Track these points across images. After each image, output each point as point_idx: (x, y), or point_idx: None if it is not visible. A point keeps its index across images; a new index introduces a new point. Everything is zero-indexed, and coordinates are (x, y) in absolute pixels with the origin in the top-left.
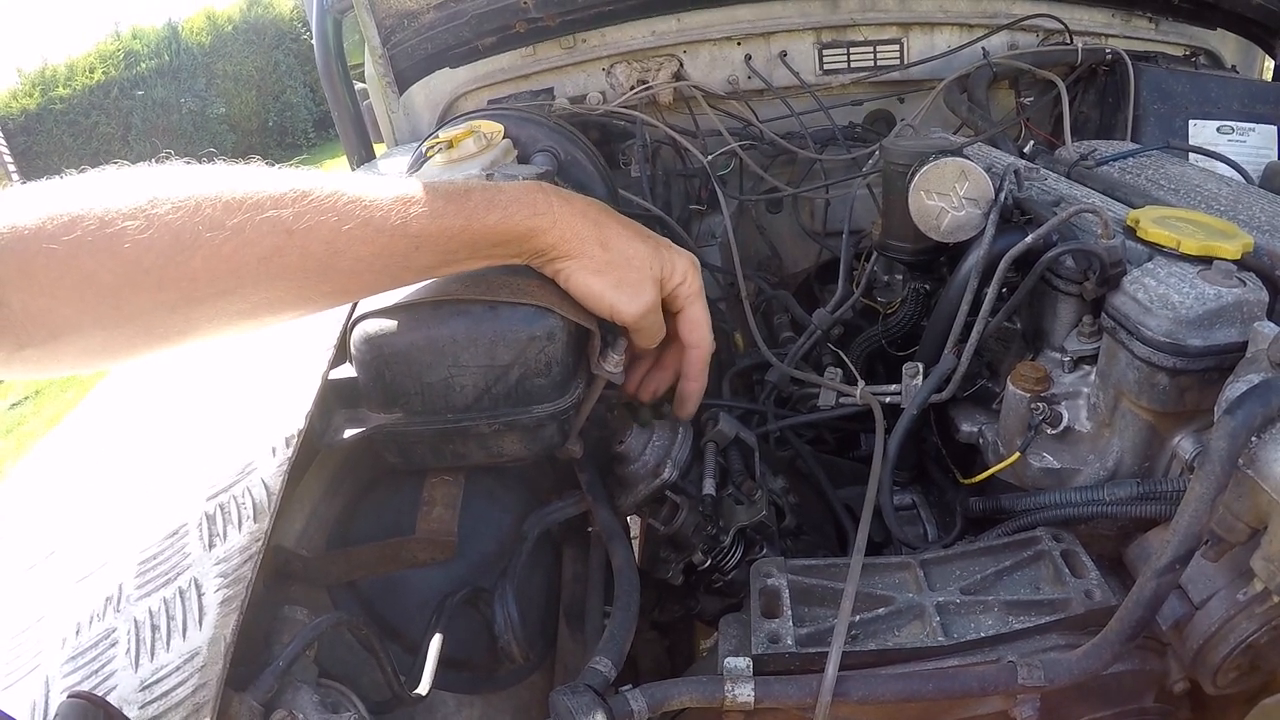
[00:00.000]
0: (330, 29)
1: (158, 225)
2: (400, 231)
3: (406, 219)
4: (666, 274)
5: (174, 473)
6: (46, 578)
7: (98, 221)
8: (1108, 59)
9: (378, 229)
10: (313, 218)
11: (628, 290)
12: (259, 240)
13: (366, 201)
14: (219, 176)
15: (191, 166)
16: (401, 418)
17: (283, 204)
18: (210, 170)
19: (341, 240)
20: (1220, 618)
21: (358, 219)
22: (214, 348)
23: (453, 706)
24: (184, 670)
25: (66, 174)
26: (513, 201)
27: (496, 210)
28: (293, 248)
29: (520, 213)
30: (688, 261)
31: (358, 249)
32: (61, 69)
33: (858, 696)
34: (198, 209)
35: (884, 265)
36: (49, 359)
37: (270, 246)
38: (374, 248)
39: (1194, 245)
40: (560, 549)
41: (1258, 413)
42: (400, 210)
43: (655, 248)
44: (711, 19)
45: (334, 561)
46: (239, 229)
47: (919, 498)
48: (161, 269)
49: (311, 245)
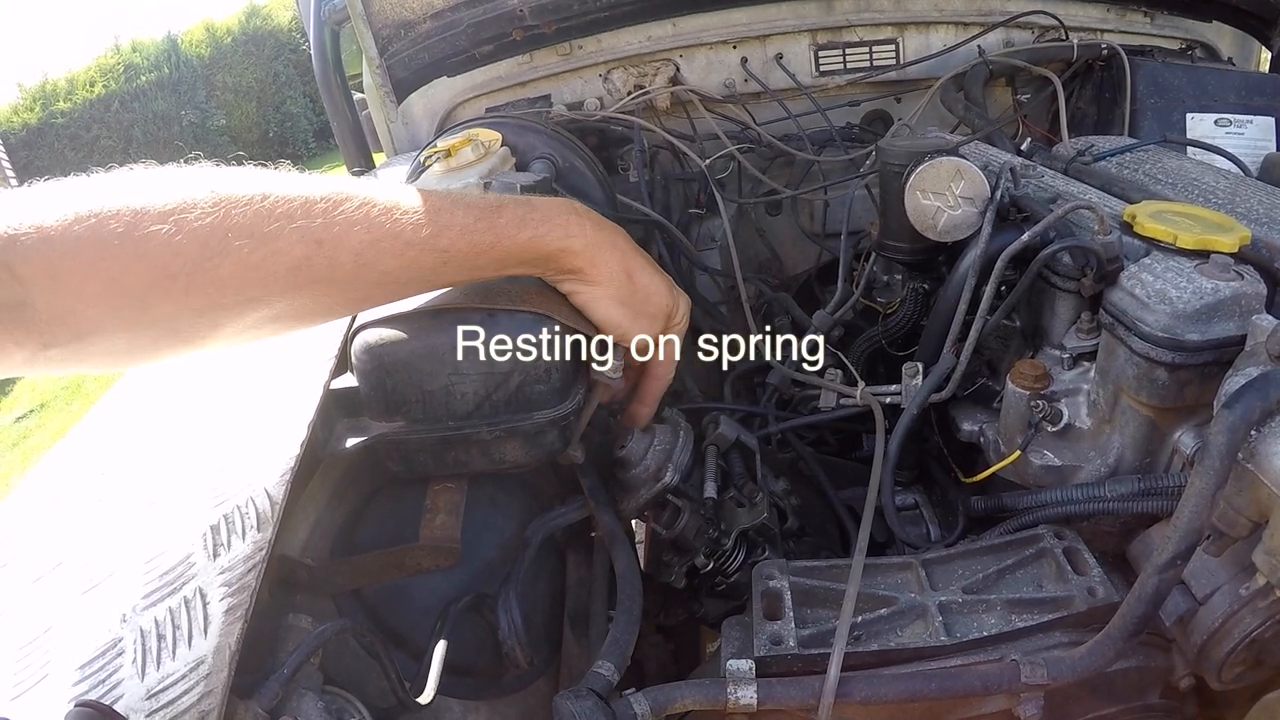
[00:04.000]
0: (328, 40)
1: (187, 231)
2: (430, 245)
3: (437, 233)
4: (672, 311)
5: (179, 484)
6: (53, 589)
7: (126, 225)
8: (1103, 54)
9: (408, 243)
10: (343, 229)
11: (641, 326)
12: (288, 250)
13: (398, 214)
14: (250, 181)
15: (222, 169)
16: (403, 426)
17: (313, 214)
18: (241, 174)
19: (370, 253)
20: (1224, 613)
21: (388, 232)
22: (217, 360)
23: (458, 712)
24: (190, 679)
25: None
26: (545, 221)
27: (529, 229)
28: (321, 258)
29: (553, 233)
30: (686, 304)
31: (386, 262)
32: (62, 83)
33: (860, 697)
34: (227, 215)
35: (883, 265)
36: (74, 358)
37: (300, 257)
38: (403, 261)
39: (1191, 239)
40: (563, 554)
41: (1257, 406)
42: (431, 224)
43: (670, 286)
44: (707, 23)
45: (338, 569)
46: (269, 238)
47: (921, 497)
48: (189, 275)
49: (340, 256)
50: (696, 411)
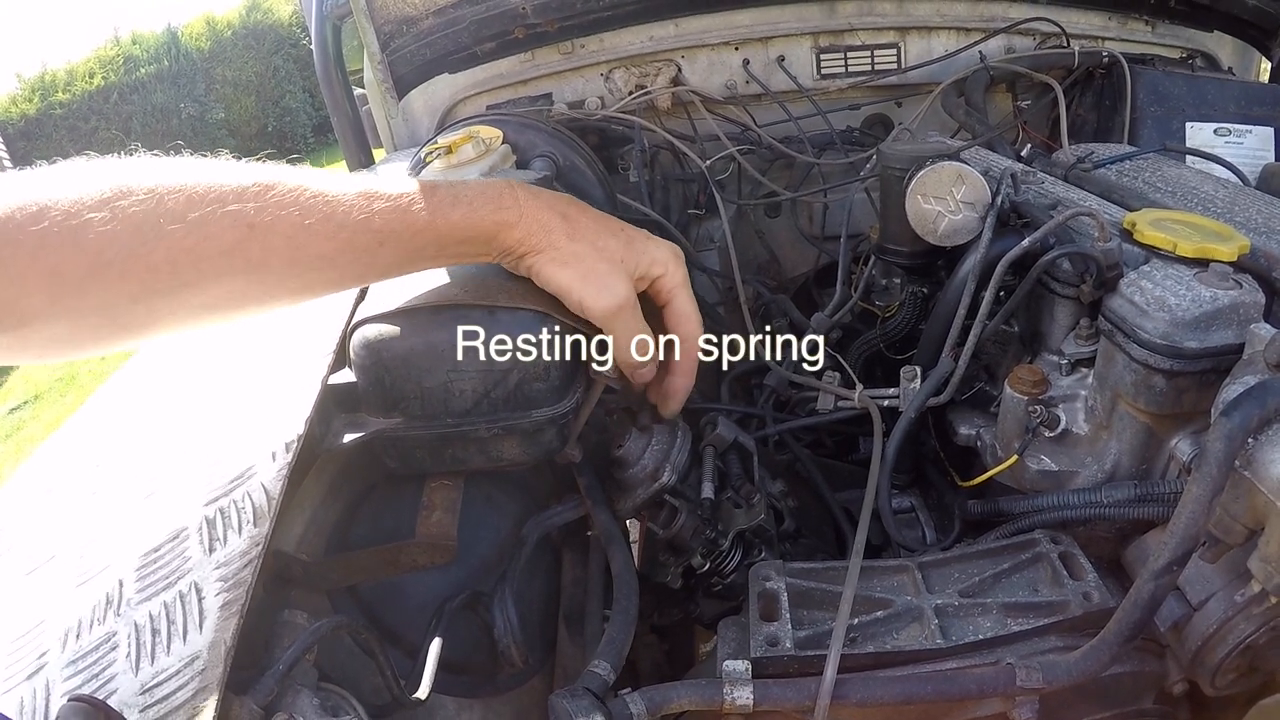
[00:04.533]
0: (329, 34)
1: (121, 217)
2: (363, 227)
3: (370, 215)
4: (644, 267)
5: (174, 477)
6: (47, 581)
7: (64, 213)
8: (1104, 62)
9: (340, 224)
10: (275, 212)
11: (595, 283)
12: (220, 234)
13: (330, 197)
14: (184, 169)
15: (159, 159)
16: (401, 422)
17: (245, 198)
18: (176, 162)
19: (303, 235)
20: (1218, 619)
21: (320, 214)
22: (215, 352)
23: (452, 710)
24: (184, 674)
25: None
26: (478, 197)
27: (461, 206)
28: (254, 242)
29: (485, 208)
30: (668, 252)
31: (320, 245)
32: (61, 74)
33: (856, 699)
34: (161, 201)
35: (882, 269)
36: (17, 345)
37: (232, 240)
38: (337, 243)
39: (1190, 247)
40: (559, 553)
41: (1254, 414)
42: (363, 206)
43: (629, 241)
44: (709, 24)
45: (334, 566)
46: (200, 222)
47: (917, 501)
48: (124, 261)
49: (273, 240)
50: (694, 412)
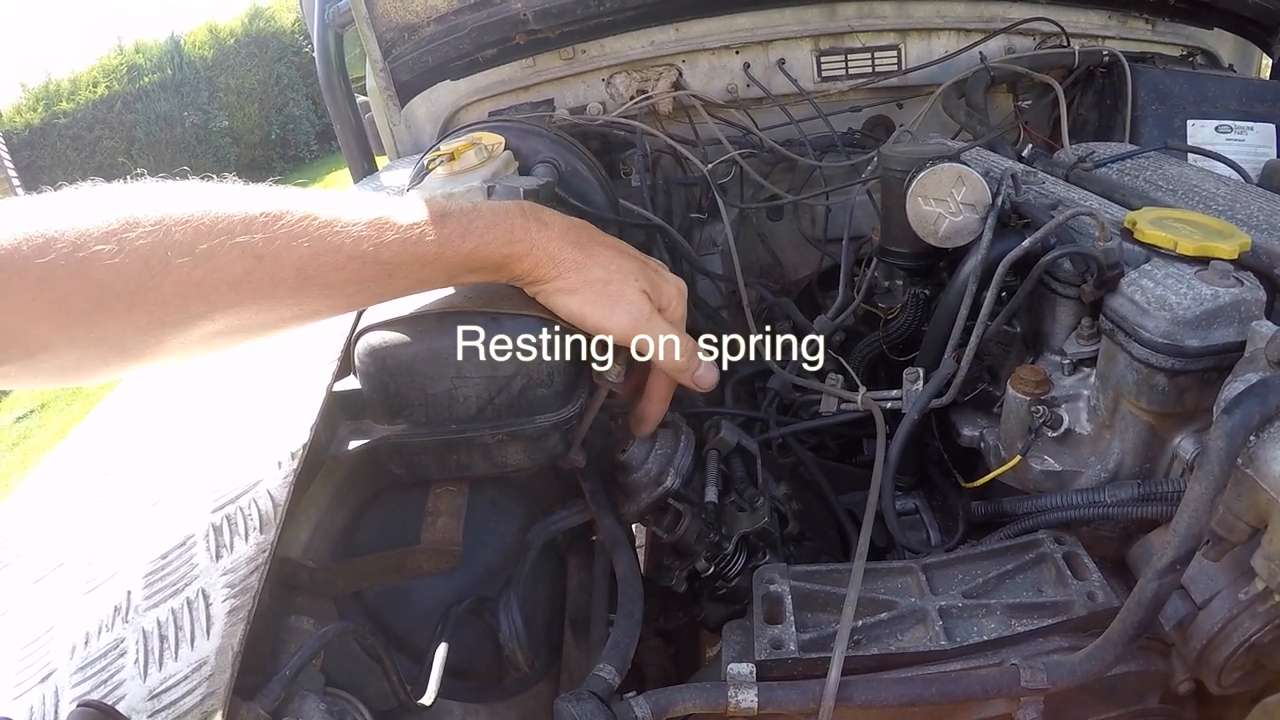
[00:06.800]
0: (332, 42)
1: (129, 250)
2: (372, 258)
3: (379, 246)
4: (654, 291)
5: (181, 485)
6: (55, 589)
7: (71, 245)
8: (1105, 61)
9: (349, 255)
10: (284, 243)
11: (605, 305)
12: (229, 266)
13: (339, 226)
14: (192, 197)
15: (165, 185)
16: (406, 429)
17: (253, 228)
18: (183, 189)
19: (312, 266)
20: (1223, 617)
21: (329, 245)
22: (219, 361)
23: (458, 715)
24: (192, 679)
25: (65, 187)
26: (490, 229)
27: (472, 238)
28: (263, 273)
29: (496, 240)
30: (674, 289)
31: (329, 276)
32: (65, 83)
33: (861, 701)
34: (168, 233)
35: (884, 271)
36: (26, 374)
37: (240, 272)
38: (345, 274)
39: (1191, 246)
40: (564, 558)
41: (1256, 411)
42: (373, 237)
43: (642, 265)
44: (710, 28)
45: (340, 572)
46: (209, 255)
47: (921, 502)
48: (133, 294)
49: (282, 271)
50: (698, 416)
